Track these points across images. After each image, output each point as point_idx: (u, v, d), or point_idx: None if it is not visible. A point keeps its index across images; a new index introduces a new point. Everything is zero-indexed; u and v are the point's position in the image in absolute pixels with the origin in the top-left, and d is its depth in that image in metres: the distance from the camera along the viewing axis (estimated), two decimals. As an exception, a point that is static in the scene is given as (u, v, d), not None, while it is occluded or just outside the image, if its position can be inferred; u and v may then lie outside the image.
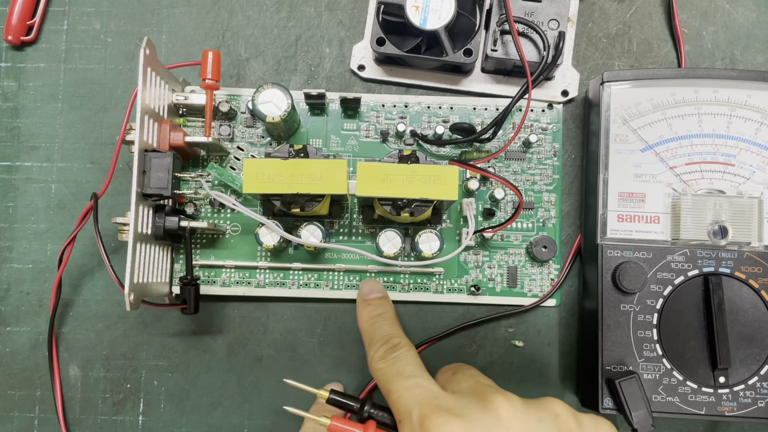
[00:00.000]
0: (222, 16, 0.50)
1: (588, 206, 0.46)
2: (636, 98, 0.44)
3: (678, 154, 0.43)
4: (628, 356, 0.42)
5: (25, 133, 0.49)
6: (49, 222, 0.48)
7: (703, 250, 0.42)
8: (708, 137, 0.43)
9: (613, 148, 0.43)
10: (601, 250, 0.42)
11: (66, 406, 0.47)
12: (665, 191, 0.43)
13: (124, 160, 0.46)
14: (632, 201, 0.43)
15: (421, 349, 0.47)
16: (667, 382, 0.41)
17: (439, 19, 0.44)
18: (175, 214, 0.43)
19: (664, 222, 0.43)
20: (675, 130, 0.43)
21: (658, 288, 0.42)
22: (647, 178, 0.43)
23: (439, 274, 0.47)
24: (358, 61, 0.49)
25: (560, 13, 0.45)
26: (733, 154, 0.43)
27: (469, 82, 0.48)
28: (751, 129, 0.43)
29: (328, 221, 0.47)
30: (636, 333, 0.42)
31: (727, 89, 0.43)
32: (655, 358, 0.42)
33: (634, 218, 0.43)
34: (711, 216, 0.42)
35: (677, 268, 0.42)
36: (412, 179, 0.40)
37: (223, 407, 0.47)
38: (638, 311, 0.42)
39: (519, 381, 0.47)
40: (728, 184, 0.43)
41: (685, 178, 0.43)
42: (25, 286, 0.48)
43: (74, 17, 0.50)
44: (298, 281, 0.47)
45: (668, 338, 0.42)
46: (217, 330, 0.47)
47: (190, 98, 0.46)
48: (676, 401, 0.41)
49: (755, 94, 0.43)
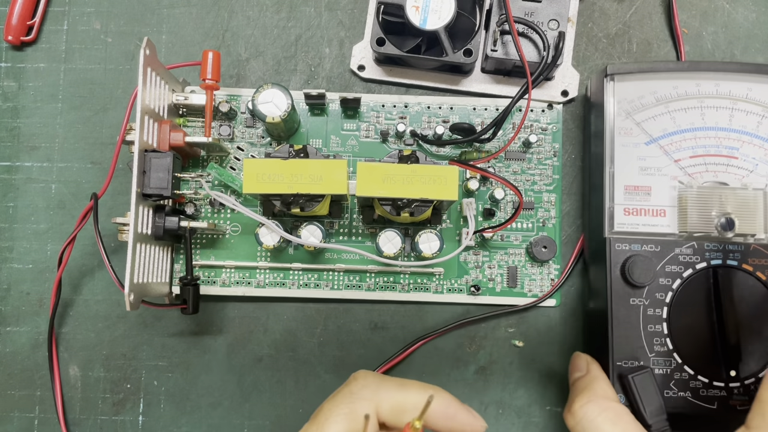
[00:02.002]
0: (222, 16, 0.50)
1: (592, 204, 0.45)
2: (639, 92, 0.44)
3: (682, 147, 0.43)
4: (639, 351, 0.41)
5: (25, 133, 0.49)
6: (49, 222, 0.48)
7: (710, 242, 0.42)
8: (711, 130, 0.43)
9: (618, 141, 0.43)
10: (609, 244, 0.42)
11: (66, 406, 0.47)
12: (671, 184, 0.43)
13: (124, 160, 0.46)
14: (638, 194, 0.43)
15: (419, 345, 0.47)
16: (678, 377, 0.41)
17: (439, 19, 0.44)
18: (175, 214, 0.43)
19: (670, 215, 0.43)
20: (678, 123, 0.43)
21: (667, 281, 0.42)
22: (652, 171, 0.43)
23: (439, 274, 0.47)
24: (358, 61, 0.49)
25: (560, 13, 0.45)
26: (736, 147, 0.43)
27: (469, 83, 0.48)
28: (752, 122, 0.43)
29: (328, 221, 0.47)
30: (646, 327, 0.42)
31: (728, 82, 0.43)
32: (666, 352, 0.41)
33: (640, 212, 0.43)
34: (717, 208, 0.42)
35: (685, 261, 0.42)
36: (412, 179, 0.40)
37: (223, 407, 0.47)
38: (648, 305, 0.42)
39: (519, 381, 0.47)
40: (732, 177, 0.43)
41: (689, 171, 0.43)
42: (25, 286, 0.48)
43: (74, 17, 0.50)
44: (298, 281, 0.47)
45: (678, 332, 0.41)
46: (217, 330, 0.47)
47: (190, 98, 0.46)
48: (688, 396, 0.41)
49: (756, 88, 0.43)
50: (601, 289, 0.43)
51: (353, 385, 0.35)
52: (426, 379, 0.47)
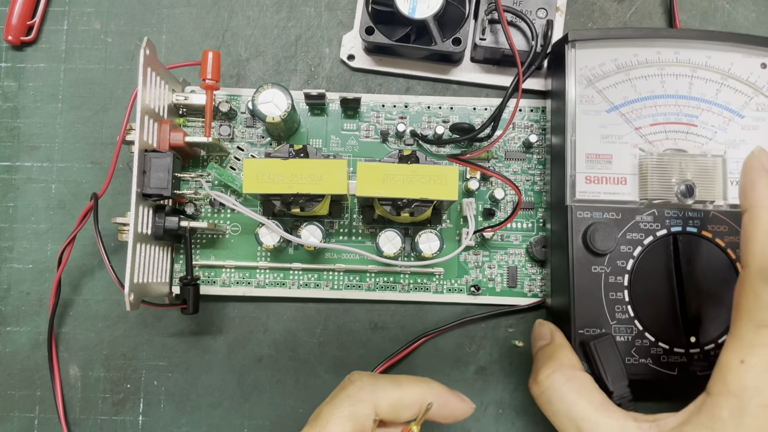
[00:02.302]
0: (222, 16, 0.50)
1: (553, 173, 0.45)
2: (600, 59, 0.44)
3: (642, 114, 0.43)
4: (601, 319, 0.41)
5: (25, 133, 0.49)
6: (49, 222, 0.48)
7: (670, 209, 0.42)
8: (671, 98, 0.43)
9: (580, 109, 0.43)
10: (570, 212, 0.42)
11: (66, 406, 0.47)
12: (631, 152, 0.43)
13: (124, 160, 0.46)
14: (599, 162, 0.43)
15: (420, 343, 0.47)
16: (640, 344, 0.41)
17: (427, 8, 0.44)
18: (175, 214, 0.43)
19: (631, 183, 0.43)
20: (639, 91, 0.44)
21: (628, 249, 0.42)
22: (613, 139, 0.43)
23: (439, 274, 0.47)
24: (347, 51, 0.49)
25: (548, 2, 0.46)
26: (695, 114, 0.43)
27: (458, 72, 0.49)
28: (711, 90, 0.43)
29: (328, 221, 0.47)
30: (608, 295, 0.42)
31: (687, 50, 0.44)
32: (627, 320, 0.41)
33: (601, 180, 0.43)
34: (677, 175, 0.42)
35: (646, 228, 0.42)
36: (412, 179, 0.40)
37: (223, 407, 0.47)
38: (609, 273, 0.42)
39: (519, 381, 0.47)
40: (692, 145, 0.43)
41: (650, 139, 0.43)
42: (25, 286, 0.48)
43: (74, 17, 0.50)
44: (298, 281, 0.47)
45: (639, 299, 0.42)
46: (217, 330, 0.47)
47: (190, 98, 0.46)
48: (649, 363, 0.41)
49: (714, 55, 0.43)
50: (563, 254, 0.43)
51: (350, 388, 0.35)
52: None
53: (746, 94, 0.43)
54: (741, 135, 0.43)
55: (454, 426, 0.46)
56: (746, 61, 0.44)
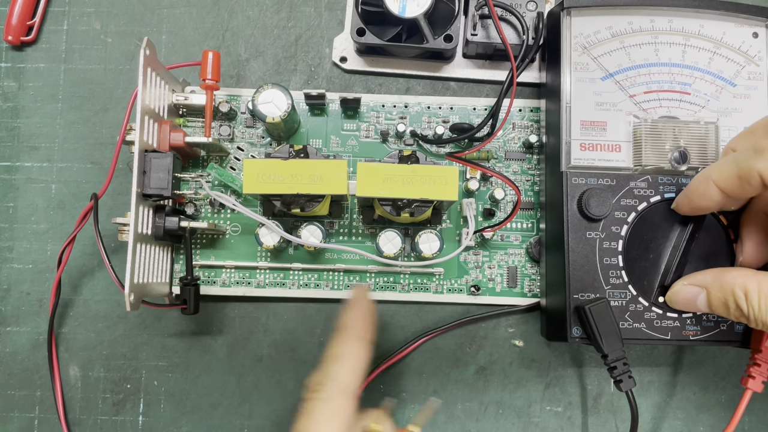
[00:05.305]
0: (222, 16, 0.50)
1: (548, 142, 0.45)
2: (595, 26, 0.44)
3: (637, 82, 0.44)
4: (595, 284, 0.42)
5: (25, 133, 0.49)
6: (49, 222, 0.48)
7: (664, 176, 0.43)
8: (665, 66, 0.44)
9: (575, 76, 0.44)
10: (566, 178, 0.42)
11: (66, 406, 0.47)
12: (626, 119, 0.43)
13: (124, 161, 0.46)
14: (594, 129, 0.43)
15: (420, 343, 0.47)
16: (634, 309, 0.42)
17: (417, 6, 0.44)
18: (175, 215, 0.43)
19: (625, 150, 0.43)
20: (633, 59, 0.44)
21: (623, 215, 0.42)
22: (608, 106, 0.43)
23: (439, 274, 0.47)
24: (339, 53, 0.49)
25: None
26: (688, 82, 0.44)
27: (451, 69, 0.49)
28: (704, 58, 0.44)
29: (328, 221, 0.47)
30: (602, 260, 0.42)
31: (681, 18, 0.44)
32: (621, 285, 0.42)
33: (596, 147, 0.43)
34: (670, 142, 0.43)
35: (640, 195, 0.42)
36: (412, 179, 0.40)
37: (223, 407, 0.47)
38: (603, 238, 0.42)
39: (519, 381, 0.47)
40: (685, 112, 0.44)
41: (644, 107, 0.43)
42: (25, 286, 0.48)
43: (74, 17, 0.50)
44: (298, 281, 0.47)
45: (633, 264, 0.42)
46: (217, 330, 0.48)
47: (190, 98, 0.46)
48: (642, 327, 0.41)
49: (708, 24, 0.44)
50: (558, 221, 0.43)
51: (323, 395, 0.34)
52: (426, 379, 0.47)
53: (738, 63, 0.44)
54: (733, 103, 0.44)
55: (454, 426, 0.47)
56: (738, 30, 0.44)
